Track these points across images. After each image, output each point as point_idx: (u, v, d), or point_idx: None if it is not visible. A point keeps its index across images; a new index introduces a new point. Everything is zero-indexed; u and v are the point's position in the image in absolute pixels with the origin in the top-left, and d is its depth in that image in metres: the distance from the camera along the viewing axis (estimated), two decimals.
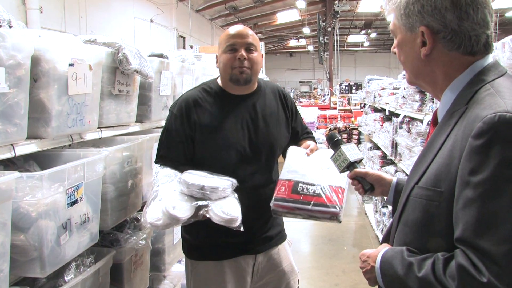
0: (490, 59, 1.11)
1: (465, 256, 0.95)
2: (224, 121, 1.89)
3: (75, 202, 1.58)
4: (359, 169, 1.57)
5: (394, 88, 4.68)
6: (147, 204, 1.66)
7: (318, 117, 12.65)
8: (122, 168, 1.99)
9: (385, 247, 1.21)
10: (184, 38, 12.86)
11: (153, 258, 2.47)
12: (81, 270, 1.68)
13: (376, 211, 5.18)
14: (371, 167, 5.59)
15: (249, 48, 1.89)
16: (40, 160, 1.77)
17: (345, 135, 10.41)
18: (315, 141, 2.12)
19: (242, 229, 1.65)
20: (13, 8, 6.15)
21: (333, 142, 1.63)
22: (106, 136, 2.02)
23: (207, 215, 1.62)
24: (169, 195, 1.62)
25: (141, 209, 2.25)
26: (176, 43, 12.26)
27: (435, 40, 1.10)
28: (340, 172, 1.60)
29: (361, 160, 1.61)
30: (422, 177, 1.10)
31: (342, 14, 14.51)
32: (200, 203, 1.62)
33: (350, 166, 1.56)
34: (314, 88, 24.27)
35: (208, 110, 1.90)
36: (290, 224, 5.73)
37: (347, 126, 10.63)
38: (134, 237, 2.05)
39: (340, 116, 12.06)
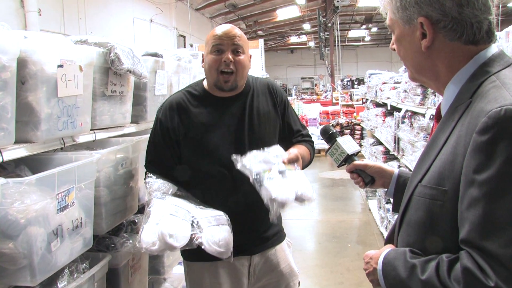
0: (494, 49, 1.06)
1: (471, 258, 0.90)
2: (209, 125, 1.85)
3: (66, 207, 1.53)
4: (358, 161, 1.52)
5: (396, 82, 4.64)
6: (142, 225, 1.65)
7: (320, 113, 12.60)
8: (117, 170, 1.94)
9: (389, 247, 1.17)
10: (184, 37, 12.81)
11: (152, 261, 2.43)
12: (75, 276, 1.63)
13: (380, 207, 5.12)
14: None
15: (236, 50, 1.82)
16: (32, 165, 1.72)
17: (347, 131, 10.36)
18: (312, 145, 2.05)
19: (232, 260, 1.70)
20: (12, 11, 6.12)
21: (328, 136, 1.58)
22: (100, 138, 1.97)
23: (202, 247, 1.63)
24: (166, 221, 1.61)
25: (138, 212, 2.21)
26: (177, 43, 12.21)
27: (435, 31, 1.05)
28: (338, 166, 1.57)
29: (358, 152, 1.56)
30: (425, 175, 1.06)
31: (342, 9, 14.41)
32: (197, 234, 1.64)
33: (348, 159, 1.52)
34: (315, 85, 24.17)
35: (192, 113, 1.87)
36: (294, 222, 5.76)
37: (350, 121, 10.58)
38: (131, 241, 2.00)
39: (342, 112, 11.99)
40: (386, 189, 1.54)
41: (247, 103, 1.91)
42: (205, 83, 1.95)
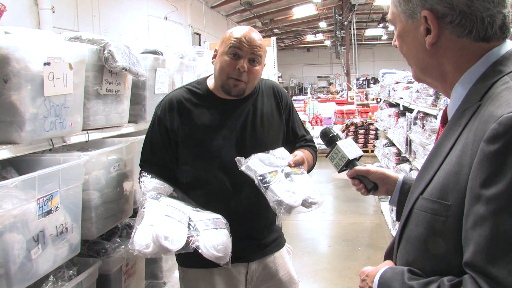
0: (509, 45, 0.94)
1: (475, 284, 0.80)
2: (211, 127, 1.76)
3: (49, 212, 1.46)
4: (360, 166, 1.41)
5: (409, 82, 4.50)
6: (135, 226, 1.56)
7: (335, 112, 12.44)
8: (108, 173, 1.86)
9: (386, 265, 1.07)
10: (199, 35, 12.75)
11: (149, 266, 2.35)
12: (59, 284, 1.56)
13: (392, 210, 4.98)
14: (386, 164, 5.39)
15: (253, 59, 1.72)
16: (20, 166, 1.66)
17: (362, 131, 10.18)
18: (315, 150, 1.95)
19: (230, 266, 1.58)
20: (26, 9, 6.15)
21: (328, 139, 1.47)
22: (94, 138, 1.90)
23: (199, 250, 1.53)
24: (161, 222, 1.51)
25: (134, 215, 2.13)
26: (192, 40, 12.16)
27: (440, 26, 0.93)
28: (339, 171, 1.46)
29: (360, 157, 1.45)
30: (428, 187, 0.94)
31: (359, 8, 14.23)
32: (194, 237, 1.54)
33: (349, 164, 1.41)
34: (330, 84, 23.94)
35: (194, 114, 1.77)
36: (305, 224, 5.65)
37: (364, 121, 10.38)
38: (123, 246, 1.92)
39: (358, 111, 11.80)
40: (390, 197, 1.43)
41: (252, 104, 1.83)
42: (209, 82, 1.85)
